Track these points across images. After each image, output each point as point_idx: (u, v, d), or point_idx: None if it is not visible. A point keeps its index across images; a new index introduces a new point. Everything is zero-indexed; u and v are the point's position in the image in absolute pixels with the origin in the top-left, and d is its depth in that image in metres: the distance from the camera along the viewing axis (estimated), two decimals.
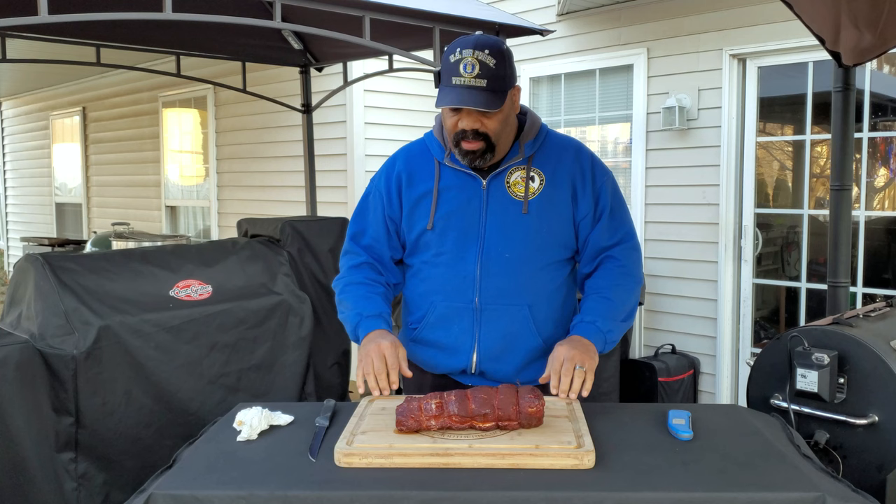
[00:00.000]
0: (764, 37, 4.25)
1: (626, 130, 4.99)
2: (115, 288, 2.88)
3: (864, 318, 2.43)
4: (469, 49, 1.75)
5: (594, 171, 1.93)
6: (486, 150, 1.82)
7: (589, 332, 1.82)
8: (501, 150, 1.87)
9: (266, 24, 3.16)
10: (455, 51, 1.77)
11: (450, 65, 1.76)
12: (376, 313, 1.88)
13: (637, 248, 1.97)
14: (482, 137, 1.80)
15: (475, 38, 1.79)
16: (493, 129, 1.81)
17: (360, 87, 5.40)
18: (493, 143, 1.82)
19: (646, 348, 4.85)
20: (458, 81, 1.74)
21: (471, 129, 1.79)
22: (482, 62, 1.74)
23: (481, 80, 1.73)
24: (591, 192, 1.91)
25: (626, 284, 1.91)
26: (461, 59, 1.74)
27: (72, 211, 9.52)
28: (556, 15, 5.13)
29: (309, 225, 3.66)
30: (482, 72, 1.73)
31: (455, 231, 1.90)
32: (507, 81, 1.78)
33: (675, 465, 1.48)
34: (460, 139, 1.81)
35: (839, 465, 2.21)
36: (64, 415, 2.62)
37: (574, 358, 1.73)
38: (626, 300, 1.90)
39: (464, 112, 1.78)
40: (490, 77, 1.74)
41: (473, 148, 1.81)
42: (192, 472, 1.49)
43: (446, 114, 1.83)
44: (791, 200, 4.72)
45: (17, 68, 7.87)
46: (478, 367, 1.92)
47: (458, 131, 1.81)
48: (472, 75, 1.73)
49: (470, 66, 1.73)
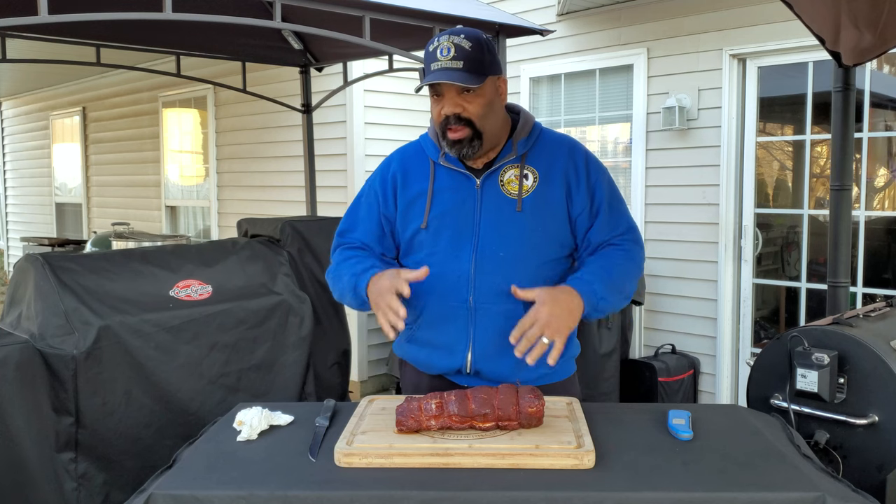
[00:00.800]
0: (764, 37, 4.25)
1: (626, 130, 4.99)
2: (115, 288, 2.88)
3: (864, 318, 2.43)
4: (445, 35, 1.81)
5: (588, 166, 1.93)
6: (472, 137, 1.83)
7: (583, 290, 1.78)
8: (490, 141, 1.87)
9: (266, 24, 3.16)
10: (433, 40, 1.82)
11: (428, 54, 1.82)
12: (368, 266, 1.87)
13: (639, 243, 1.96)
14: (466, 123, 1.81)
15: (453, 28, 1.85)
16: (476, 113, 1.82)
17: (360, 87, 5.40)
18: (478, 130, 1.83)
19: (646, 348, 4.85)
20: (436, 66, 1.79)
21: (453, 114, 1.81)
22: (457, 45, 1.78)
23: (457, 61, 1.77)
24: (586, 187, 1.91)
25: (629, 267, 1.90)
26: (438, 46, 1.80)
27: (72, 211, 9.52)
28: (556, 15, 5.13)
29: (309, 225, 3.66)
30: (458, 54, 1.77)
31: (449, 230, 1.90)
32: (485, 66, 1.81)
33: (675, 465, 1.48)
34: (446, 128, 1.83)
35: (839, 465, 2.21)
36: (64, 415, 2.62)
37: (547, 325, 1.69)
38: (625, 278, 1.88)
39: (445, 98, 1.81)
40: (466, 59, 1.77)
41: (459, 136, 1.82)
42: (192, 472, 1.49)
43: (432, 105, 1.86)
44: (791, 200, 4.72)
45: (17, 68, 7.88)
46: (473, 367, 1.92)
47: (442, 120, 1.83)
48: (447, 58, 1.78)
49: (445, 49, 1.78)
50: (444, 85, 1.79)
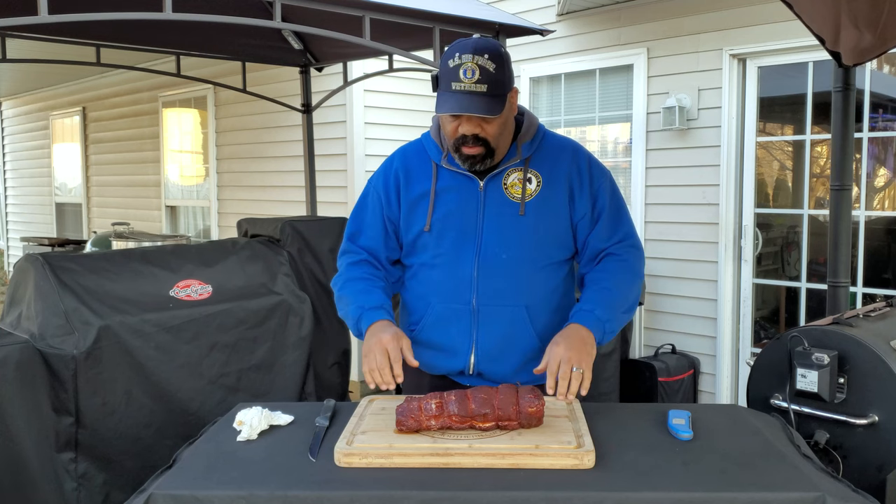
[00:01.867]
0: (764, 37, 4.25)
1: (626, 130, 4.99)
2: (115, 288, 2.88)
3: (864, 318, 2.43)
4: (469, 54, 1.74)
5: (591, 171, 1.93)
6: (486, 154, 1.83)
7: (587, 321, 1.79)
8: (500, 152, 1.88)
9: (266, 24, 3.16)
10: (454, 55, 1.75)
11: (448, 70, 1.75)
12: (377, 305, 1.87)
13: (638, 247, 1.96)
14: (482, 142, 1.80)
15: (474, 42, 1.77)
16: (493, 133, 1.81)
17: (360, 87, 5.40)
18: (492, 148, 1.83)
19: (646, 348, 4.85)
20: (459, 87, 1.73)
21: (471, 135, 1.79)
22: (482, 67, 1.73)
23: (482, 85, 1.72)
24: (589, 192, 1.91)
25: (626, 278, 1.90)
26: (461, 65, 1.73)
27: (72, 211, 9.51)
28: (556, 15, 5.13)
29: (309, 225, 3.66)
30: (482, 77, 1.72)
31: (452, 232, 1.90)
32: (506, 85, 1.78)
33: (675, 465, 1.48)
34: (460, 144, 1.81)
35: (839, 465, 2.21)
36: (64, 415, 2.62)
37: (571, 359, 1.69)
38: (626, 292, 1.88)
39: (464, 117, 1.78)
40: (490, 82, 1.73)
41: (474, 153, 1.82)
42: (192, 472, 1.49)
43: (445, 119, 1.83)
44: (791, 200, 4.72)
45: (17, 68, 7.87)
46: (476, 368, 1.92)
47: (458, 137, 1.81)
48: (472, 80, 1.72)
49: (470, 71, 1.72)
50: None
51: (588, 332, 1.77)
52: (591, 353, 1.75)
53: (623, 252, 1.92)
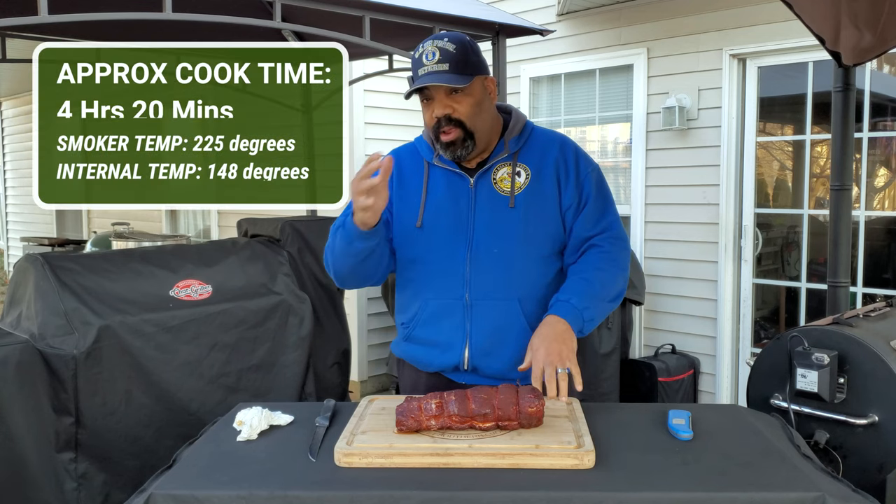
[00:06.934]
0: (764, 37, 4.25)
1: (626, 130, 4.99)
2: (115, 288, 2.88)
3: (864, 318, 2.44)
4: (429, 41, 1.84)
5: (578, 161, 1.96)
6: (464, 137, 1.85)
7: (564, 311, 1.80)
8: (483, 140, 1.89)
9: (266, 24, 3.16)
10: (418, 48, 1.85)
11: (415, 61, 1.84)
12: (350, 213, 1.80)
13: (622, 238, 1.97)
14: (457, 124, 1.84)
15: (436, 34, 1.88)
16: (466, 113, 1.84)
17: (359, 86, 5.39)
18: (470, 131, 1.85)
19: (646, 348, 4.85)
20: (423, 71, 1.81)
21: (443, 116, 1.83)
22: (441, 48, 1.81)
23: (443, 64, 1.79)
24: (575, 182, 1.93)
25: (608, 269, 1.91)
26: (423, 51, 1.83)
27: (72, 211, 9.51)
28: (556, 15, 5.13)
29: (309, 225, 3.66)
30: (442, 57, 1.80)
31: (444, 228, 1.92)
32: (471, 66, 1.83)
33: (675, 465, 1.48)
34: (438, 132, 1.85)
35: (839, 465, 2.22)
36: (64, 415, 2.61)
37: (553, 362, 1.70)
38: (606, 283, 1.89)
39: (435, 101, 1.83)
40: (451, 61, 1.80)
41: (452, 138, 1.84)
42: (192, 472, 1.49)
43: (424, 111, 1.88)
44: (791, 200, 4.72)
45: (17, 68, 7.86)
46: (470, 363, 1.92)
47: (434, 123, 1.85)
48: (433, 62, 1.80)
49: (430, 53, 1.81)
50: (433, 88, 1.82)
51: (565, 324, 1.78)
52: (573, 347, 1.76)
53: (606, 244, 1.93)
